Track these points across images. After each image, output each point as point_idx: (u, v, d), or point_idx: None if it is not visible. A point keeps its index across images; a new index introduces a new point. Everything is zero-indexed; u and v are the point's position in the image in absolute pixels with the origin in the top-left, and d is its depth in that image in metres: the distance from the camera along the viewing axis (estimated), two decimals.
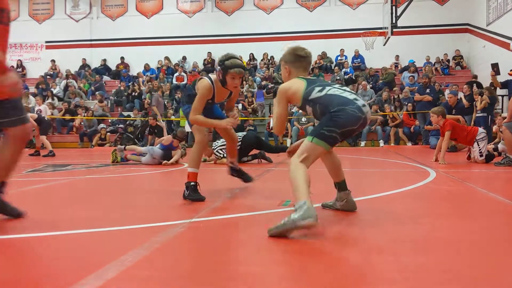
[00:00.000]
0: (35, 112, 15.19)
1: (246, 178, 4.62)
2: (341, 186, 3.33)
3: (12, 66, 20.84)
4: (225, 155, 7.98)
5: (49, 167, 7.61)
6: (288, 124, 14.47)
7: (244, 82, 17.09)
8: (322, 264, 2.11)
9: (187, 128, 14.08)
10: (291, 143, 14.05)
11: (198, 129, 3.91)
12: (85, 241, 2.59)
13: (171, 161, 7.69)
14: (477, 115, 11.28)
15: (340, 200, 3.35)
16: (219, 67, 3.82)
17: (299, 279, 1.88)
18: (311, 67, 18.49)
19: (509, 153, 6.71)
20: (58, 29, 20.90)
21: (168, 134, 11.64)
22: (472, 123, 11.04)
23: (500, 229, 2.82)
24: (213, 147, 8.17)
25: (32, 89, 18.87)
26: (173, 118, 15.51)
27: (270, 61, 18.74)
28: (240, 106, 15.67)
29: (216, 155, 8.05)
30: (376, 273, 1.94)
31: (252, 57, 19.05)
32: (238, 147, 7.93)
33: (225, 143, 8.09)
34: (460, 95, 12.16)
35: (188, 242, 2.52)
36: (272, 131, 14.37)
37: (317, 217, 2.49)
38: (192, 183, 3.81)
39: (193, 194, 3.76)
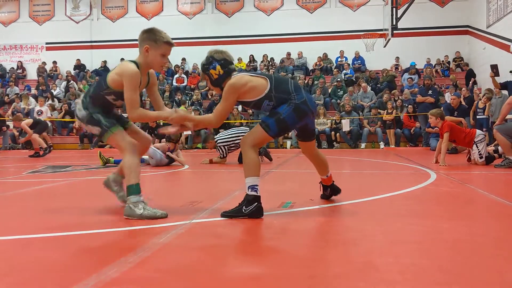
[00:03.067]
0: (36, 113, 15.25)
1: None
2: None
3: (12, 68, 20.85)
4: (224, 155, 7.94)
5: (49, 168, 7.60)
6: None
7: None
8: (322, 265, 2.10)
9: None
10: (291, 145, 14.07)
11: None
12: (85, 242, 2.58)
13: (179, 162, 7.72)
14: (479, 117, 11.30)
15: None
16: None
17: (298, 280, 1.88)
18: (312, 68, 18.56)
19: (507, 154, 6.73)
20: (59, 30, 20.91)
21: None
22: (472, 122, 11.07)
23: (501, 231, 2.82)
24: (215, 139, 7.98)
25: (33, 90, 18.90)
26: None
27: (270, 63, 18.75)
28: (240, 108, 15.65)
29: (218, 150, 7.95)
30: (377, 274, 1.94)
31: (252, 59, 19.05)
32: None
33: (231, 138, 7.95)
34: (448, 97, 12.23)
35: (188, 243, 2.52)
36: None
37: None
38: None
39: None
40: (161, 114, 3.35)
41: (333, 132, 13.98)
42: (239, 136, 7.76)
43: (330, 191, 3.86)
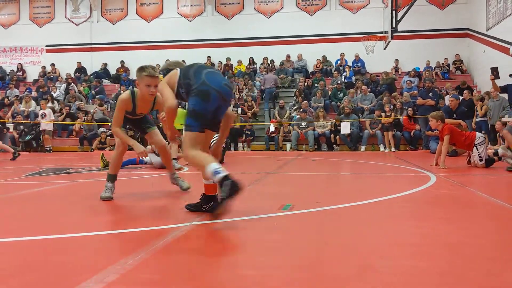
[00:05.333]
0: (40, 116, 15.26)
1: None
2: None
3: (12, 70, 20.86)
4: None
5: (49, 170, 7.61)
6: (290, 127, 14.49)
7: (244, 87, 17.10)
8: (322, 267, 2.11)
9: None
10: (291, 147, 14.07)
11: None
12: (85, 244, 2.58)
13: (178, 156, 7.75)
14: (478, 119, 11.32)
15: None
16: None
17: (297, 282, 1.88)
18: (312, 70, 18.62)
19: None
20: (59, 32, 20.91)
21: None
22: (474, 126, 11.09)
23: (500, 233, 2.82)
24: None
25: (33, 93, 18.89)
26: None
27: (270, 65, 18.76)
28: (239, 110, 15.66)
29: None
30: (376, 276, 1.94)
31: (252, 61, 19.06)
32: (223, 147, 8.12)
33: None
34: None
35: (189, 245, 2.52)
36: (272, 135, 14.40)
37: None
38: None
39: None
40: (134, 143, 4.17)
41: (332, 135, 13.98)
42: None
43: (213, 205, 3.31)
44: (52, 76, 20.27)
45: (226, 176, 2.87)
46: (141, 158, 7.90)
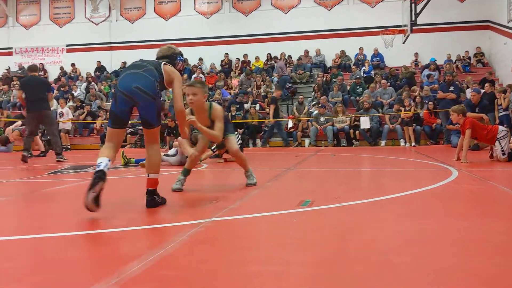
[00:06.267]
0: (58, 115, 15.49)
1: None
2: None
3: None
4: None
5: (71, 168, 7.72)
6: (308, 123, 14.43)
7: (262, 82, 17.08)
8: (340, 265, 2.10)
9: None
10: (310, 143, 14.03)
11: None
12: (106, 241, 2.62)
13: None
14: (500, 113, 11.12)
15: None
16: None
17: (316, 279, 1.88)
18: (330, 65, 18.49)
19: None
20: (78, 32, 21.20)
21: None
22: (497, 121, 10.90)
23: None
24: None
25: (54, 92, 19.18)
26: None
27: (288, 61, 18.70)
28: (257, 106, 15.65)
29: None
30: (393, 274, 1.93)
31: (269, 57, 19.03)
32: (240, 144, 8.31)
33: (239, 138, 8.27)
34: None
35: (207, 241, 2.54)
36: (291, 130, 14.37)
37: None
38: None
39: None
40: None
41: (352, 130, 13.89)
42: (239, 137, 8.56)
43: (149, 201, 3.57)
44: (72, 76, 20.55)
45: (97, 171, 3.29)
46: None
